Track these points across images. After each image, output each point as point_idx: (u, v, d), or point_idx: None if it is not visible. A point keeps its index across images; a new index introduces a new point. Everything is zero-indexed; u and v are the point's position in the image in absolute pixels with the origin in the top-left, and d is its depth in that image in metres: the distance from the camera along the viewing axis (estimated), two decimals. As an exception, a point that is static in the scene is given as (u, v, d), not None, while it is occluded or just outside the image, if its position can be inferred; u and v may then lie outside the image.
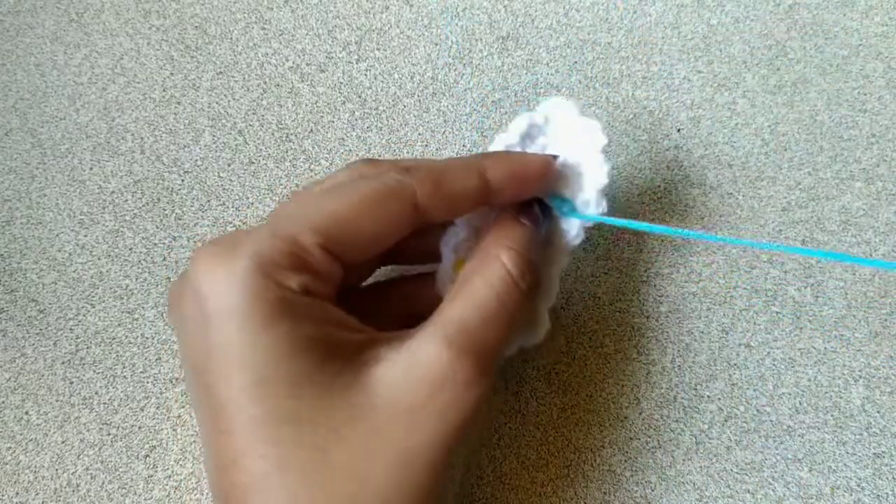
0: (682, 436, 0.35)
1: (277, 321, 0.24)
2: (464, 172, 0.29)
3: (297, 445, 0.23)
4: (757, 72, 0.40)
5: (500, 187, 0.29)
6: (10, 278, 0.38)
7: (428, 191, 0.28)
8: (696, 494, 0.34)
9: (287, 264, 0.25)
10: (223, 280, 0.24)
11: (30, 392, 0.36)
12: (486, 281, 0.27)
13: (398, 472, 0.24)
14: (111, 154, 0.40)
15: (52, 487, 0.35)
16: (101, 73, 0.41)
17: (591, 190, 0.32)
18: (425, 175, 0.28)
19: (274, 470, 0.23)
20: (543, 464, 0.34)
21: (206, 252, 0.25)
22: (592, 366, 0.36)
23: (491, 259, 0.28)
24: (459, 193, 0.29)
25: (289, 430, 0.23)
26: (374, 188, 0.27)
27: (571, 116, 0.32)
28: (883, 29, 0.41)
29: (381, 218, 0.27)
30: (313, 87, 0.41)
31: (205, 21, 0.42)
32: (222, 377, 0.24)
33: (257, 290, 0.24)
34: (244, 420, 0.23)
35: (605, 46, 0.41)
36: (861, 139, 0.39)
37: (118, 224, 0.39)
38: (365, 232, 0.27)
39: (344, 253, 0.27)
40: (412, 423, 0.24)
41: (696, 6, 0.41)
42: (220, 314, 0.24)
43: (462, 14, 0.42)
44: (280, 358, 0.24)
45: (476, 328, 0.26)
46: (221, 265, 0.24)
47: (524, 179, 0.30)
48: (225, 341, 0.24)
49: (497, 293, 0.27)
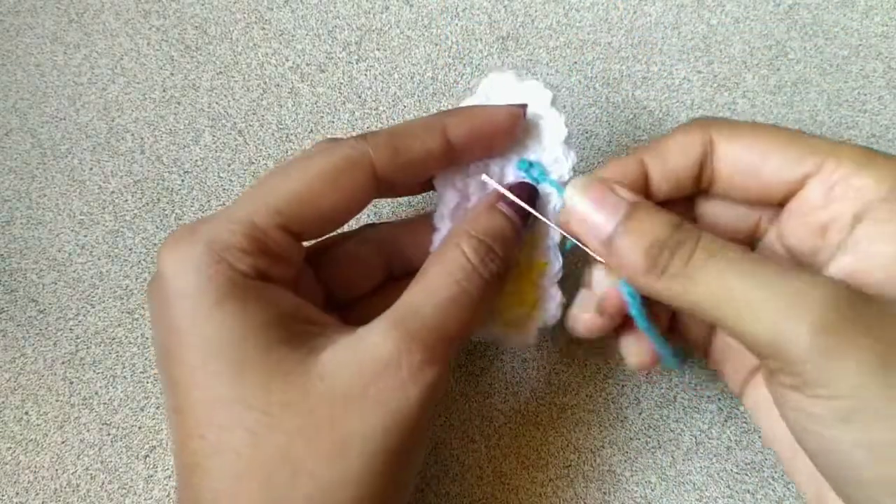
0: (682, 436, 0.35)
1: (225, 304, 0.24)
2: (424, 133, 0.28)
3: (233, 429, 0.23)
4: (757, 72, 0.40)
5: (464, 145, 0.29)
6: (10, 278, 0.38)
7: (386, 157, 0.27)
8: (696, 494, 0.34)
9: (242, 247, 0.25)
10: (180, 264, 0.25)
11: (30, 392, 0.36)
12: (443, 267, 0.26)
13: (331, 460, 0.23)
14: (111, 154, 0.40)
15: (52, 487, 0.35)
16: (101, 73, 0.41)
17: (555, 144, 0.30)
18: (382, 140, 0.27)
19: (213, 452, 0.23)
20: (543, 464, 0.34)
21: (170, 238, 0.26)
22: (592, 366, 0.36)
23: (451, 246, 0.27)
24: (420, 156, 0.28)
25: (227, 413, 0.24)
26: (329, 161, 0.27)
27: (511, 85, 0.31)
28: (883, 29, 0.41)
29: (338, 191, 0.27)
30: (313, 87, 0.41)
31: (205, 21, 0.42)
32: (177, 358, 0.24)
33: (209, 273, 0.24)
34: (191, 401, 0.24)
35: (605, 46, 0.41)
36: (861, 139, 0.39)
37: (118, 224, 0.39)
38: (323, 207, 0.26)
39: (304, 230, 0.27)
40: (349, 409, 0.24)
41: (696, 6, 0.41)
42: (176, 296, 0.24)
43: (462, 14, 0.42)
44: (226, 340, 0.24)
45: (429, 314, 0.25)
46: (179, 250, 0.25)
47: (489, 134, 0.29)
48: (179, 323, 0.24)
49: (455, 279, 0.26)
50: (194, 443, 0.24)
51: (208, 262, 0.24)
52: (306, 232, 0.27)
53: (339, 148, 0.27)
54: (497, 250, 0.27)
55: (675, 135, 0.28)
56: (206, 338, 0.24)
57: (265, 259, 0.25)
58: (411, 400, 0.24)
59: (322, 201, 0.26)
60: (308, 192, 0.26)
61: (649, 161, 0.28)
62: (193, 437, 0.24)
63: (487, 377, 0.36)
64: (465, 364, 0.36)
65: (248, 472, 0.23)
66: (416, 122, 0.28)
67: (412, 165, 0.28)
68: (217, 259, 0.24)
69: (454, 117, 0.28)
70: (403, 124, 0.28)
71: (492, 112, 0.29)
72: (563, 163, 0.30)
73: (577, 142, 0.39)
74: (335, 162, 0.27)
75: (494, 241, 0.27)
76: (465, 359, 0.36)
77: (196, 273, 0.24)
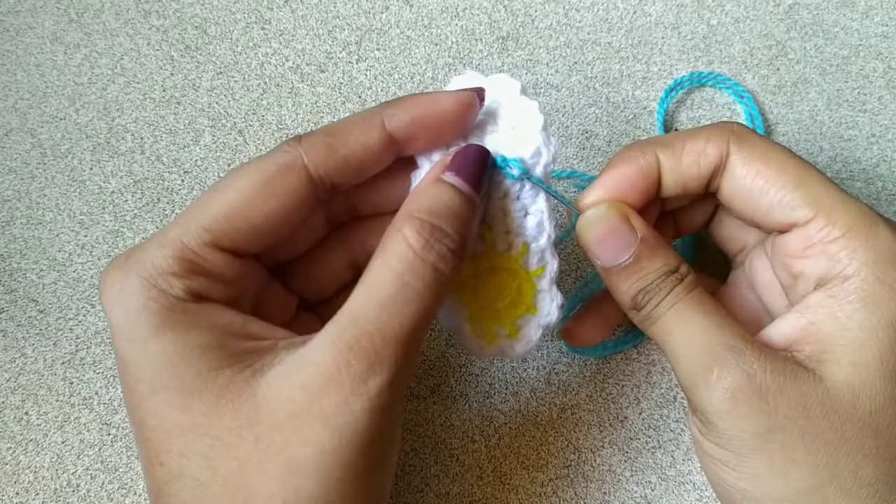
0: (682, 436, 0.35)
1: (162, 332, 0.23)
2: (361, 127, 0.26)
3: (190, 455, 0.23)
4: (757, 72, 0.40)
5: (407, 136, 0.27)
6: (10, 278, 0.38)
7: (320, 156, 0.25)
8: (696, 494, 0.34)
9: (173, 270, 0.24)
10: (115, 296, 0.24)
11: (30, 392, 0.36)
12: (384, 260, 0.24)
13: (283, 483, 0.22)
14: (111, 154, 0.40)
15: (52, 487, 0.35)
16: (101, 73, 0.41)
17: (533, 134, 0.28)
18: (316, 139, 0.26)
19: (173, 478, 0.23)
20: (543, 464, 0.34)
21: (107, 269, 0.25)
22: (592, 366, 0.36)
23: (392, 234, 0.24)
24: (358, 152, 0.26)
25: (182, 440, 0.23)
26: (260, 168, 0.25)
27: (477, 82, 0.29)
28: (883, 29, 0.41)
29: (271, 199, 0.25)
30: (313, 87, 0.41)
31: (205, 21, 0.42)
32: (128, 387, 0.24)
33: (140, 302, 0.24)
34: (147, 430, 0.24)
35: (605, 46, 0.41)
36: (861, 139, 0.39)
37: (118, 224, 0.39)
38: (254, 219, 0.25)
39: (240, 245, 0.25)
40: (296, 431, 0.23)
41: (696, 6, 0.41)
42: (116, 328, 0.24)
43: (462, 14, 0.41)
44: (166, 369, 0.23)
45: (369, 317, 0.23)
46: (115, 281, 0.24)
47: (435, 123, 0.27)
48: (123, 354, 0.24)
49: (396, 273, 0.23)
50: (156, 469, 0.24)
51: (140, 291, 0.24)
52: (242, 246, 0.25)
53: (272, 154, 0.26)
54: (446, 228, 0.24)
55: (696, 138, 0.27)
56: (148, 367, 0.23)
57: (199, 280, 0.24)
58: (357, 413, 0.23)
59: (253, 213, 0.25)
60: (238, 204, 0.25)
61: (664, 160, 0.28)
62: (155, 464, 0.24)
63: (487, 377, 0.36)
64: (465, 364, 0.36)
65: (209, 497, 0.23)
66: (354, 117, 0.27)
67: (350, 163, 0.26)
68: (148, 286, 0.24)
69: (392, 108, 0.27)
70: (341, 120, 0.27)
71: (435, 98, 0.27)
72: (545, 153, 0.28)
73: (577, 142, 0.39)
74: (266, 169, 0.25)
75: (441, 219, 0.24)
76: (465, 359, 0.36)
77: (130, 304, 0.24)
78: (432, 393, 0.36)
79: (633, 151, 0.28)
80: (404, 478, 0.34)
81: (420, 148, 0.28)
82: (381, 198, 0.30)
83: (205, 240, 0.25)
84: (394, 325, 0.23)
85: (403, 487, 0.34)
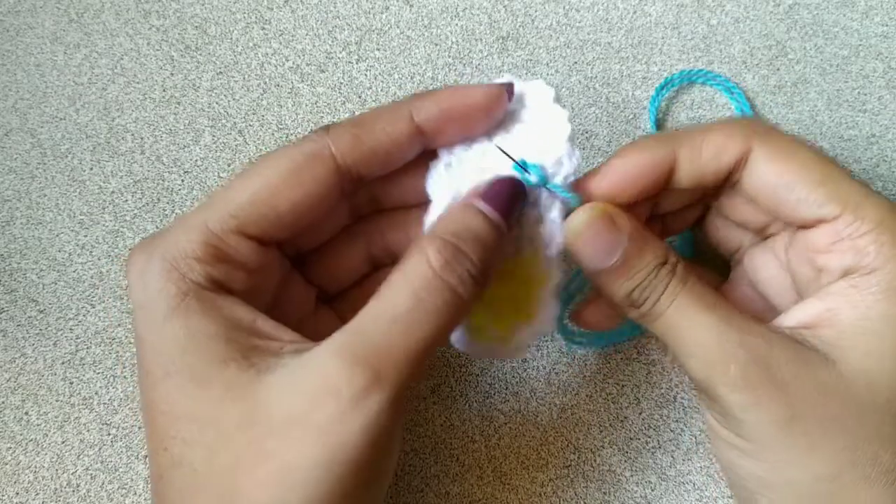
0: (682, 436, 0.35)
1: (176, 315, 0.24)
2: (389, 119, 0.26)
3: (193, 444, 0.23)
4: (757, 72, 0.40)
5: (435, 128, 0.27)
6: (10, 278, 0.38)
7: (347, 146, 0.26)
8: (696, 494, 0.34)
9: (196, 255, 0.24)
10: (138, 275, 0.24)
11: (30, 392, 0.36)
12: (404, 275, 0.24)
13: (270, 490, 0.22)
14: (111, 154, 0.40)
15: (52, 487, 0.35)
16: (101, 73, 0.41)
17: (559, 143, 0.28)
18: (344, 129, 0.26)
19: (173, 465, 0.23)
20: (543, 464, 0.34)
21: (134, 249, 0.25)
22: (592, 366, 0.36)
23: (414, 252, 0.24)
24: (385, 143, 0.26)
25: (188, 428, 0.23)
26: (288, 157, 0.25)
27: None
28: (883, 29, 0.41)
29: (298, 188, 0.25)
30: (313, 87, 0.41)
31: (205, 21, 0.42)
32: (144, 368, 0.24)
33: (161, 284, 0.24)
34: (157, 413, 0.24)
35: (605, 46, 0.41)
36: (861, 139, 0.39)
37: (118, 224, 0.39)
38: (281, 207, 0.25)
39: (265, 233, 0.25)
40: (290, 439, 0.22)
41: (696, 6, 0.41)
42: (137, 308, 0.24)
43: (462, 14, 0.42)
44: (179, 353, 0.23)
45: (380, 332, 0.23)
46: (139, 262, 0.25)
47: (463, 116, 0.27)
48: (141, 334, 0.24)
49: (413, 290, 0.23)
50: (160, 455, 0.24)
51: (161, 272, 0.24)
52: (267, 234, 0.25)
53: (299, 143, 0.26)
54: (468, 252, 0.24)
55: (717, 133, 0.27)
56: (163, 349, 0.24)
57: (222, 266, 0.25)
58: (354, 430, 0.22)
59: (279, 200, 0.25)
60: (266, 192, 0.25)
61: (681, 153, 0.27)
62: (159, 449, 0.24)
63: (487, 377, 0.36)
64: (465, 364, 0.36)
65: (202, 488, 0.23)
66: (382, 108, 0.27)
67: (376, 153, 0.26)
68: (170, 269, 0.24)
69: (421, 100, 0.27)
70: (369, 111, 0.27)
71: (465, 91, 0.27)
72: (567, 163, 0.28)
73: (577, 142, 0.39)
74: (293, 157, 0.25)
75: (465, 243, 0.24)
76: (465, 359, 0.36)
77: (150, 285, 0.24)
78: (432, 393, 0.36)
79: (649, 141, 0.28)
80: (404, 478, 0.34)
81: (446, 141, 0.28)
82: (404, 191, 0.30)
83: (230, 226, 0.25)
84: (403, 342, 0.23)
85: (403, 487, 0.34)
